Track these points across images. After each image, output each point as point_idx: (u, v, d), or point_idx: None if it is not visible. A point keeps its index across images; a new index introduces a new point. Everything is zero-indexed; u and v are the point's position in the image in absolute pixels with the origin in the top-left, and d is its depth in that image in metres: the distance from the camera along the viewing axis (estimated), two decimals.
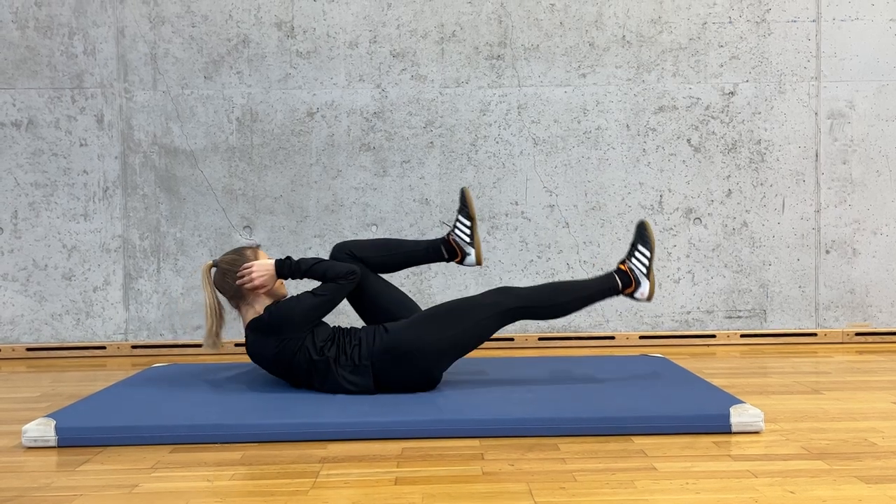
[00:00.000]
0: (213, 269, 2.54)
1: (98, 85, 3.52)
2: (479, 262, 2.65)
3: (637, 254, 2.55)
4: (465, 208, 2.65)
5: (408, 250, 2.67)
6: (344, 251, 2.60)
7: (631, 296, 2.54)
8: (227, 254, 2.57)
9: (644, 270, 2.52)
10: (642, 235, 2.56)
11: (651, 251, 2.53)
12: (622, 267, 2.55)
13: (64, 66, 3.51)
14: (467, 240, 2.65)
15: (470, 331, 2.44)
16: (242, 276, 2.46)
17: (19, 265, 3.53)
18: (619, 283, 2.52)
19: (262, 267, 2.47)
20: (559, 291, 2.52)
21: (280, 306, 2.43)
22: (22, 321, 3.54)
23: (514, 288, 2.52)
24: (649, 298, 2.53)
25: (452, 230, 2.68)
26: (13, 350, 3.52)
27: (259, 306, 2.49)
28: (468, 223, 2.64)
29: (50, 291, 3.54)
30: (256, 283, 2.45)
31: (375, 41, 3.53)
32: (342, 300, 2.49)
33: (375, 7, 3.52)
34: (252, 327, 2.44)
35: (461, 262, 2.67)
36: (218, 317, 2.53)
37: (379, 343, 2.42)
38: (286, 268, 2.47)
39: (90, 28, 3.50)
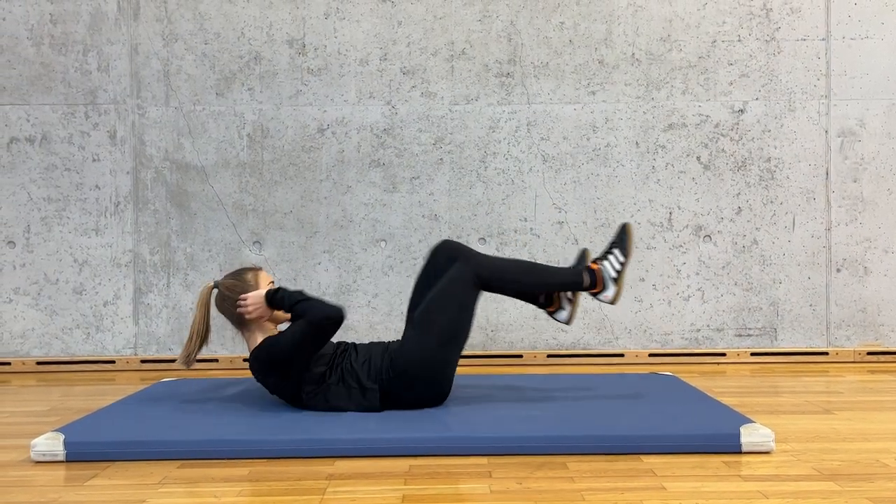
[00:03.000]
0: (215, 291, 2.52)
1: (111, 101, 3.55)
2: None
3: (611, 256, 2.48)
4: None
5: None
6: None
7: (595, 296, 2.49)
8: (228, 277, 2.53)
9: (614, 275, 2.46)
10: (622, 240, 2.50)
11: (626, 257, 2.47)
12: (593, 266, 2.49)
13: (78, 83, 3.55)
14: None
15: (457, 317, 2.41)
16: (240, 306, 2.45)
17: (31, 279, 3.55)
18: (587, 280, 2.46)
19: (255, 299, 2.43)
20: (523, 271, 2.47)
21: (271, 343, 2.38)
22: (32, 335, 3.56)
23: (480, 255, 2.47)
24: (613, 302, 2.49)
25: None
26: (23, 364, 3.54)
27: (260, 333, 2.48)
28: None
29: (61, 305, 3.56)
30: (252, 315, 2.44)
31: (386, 58, 3.55)
32: (328, 339, 2.39)
33: (386, 25, 3.55)
34: (253, 357, 2.42)
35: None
36: (201, 342, 2.48)
37: (388, 362, 2.41)
38: (275, 300, 2.41)
39: (104, 45, 3.54)
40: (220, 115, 3.55)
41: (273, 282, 2.55)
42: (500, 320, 3.56)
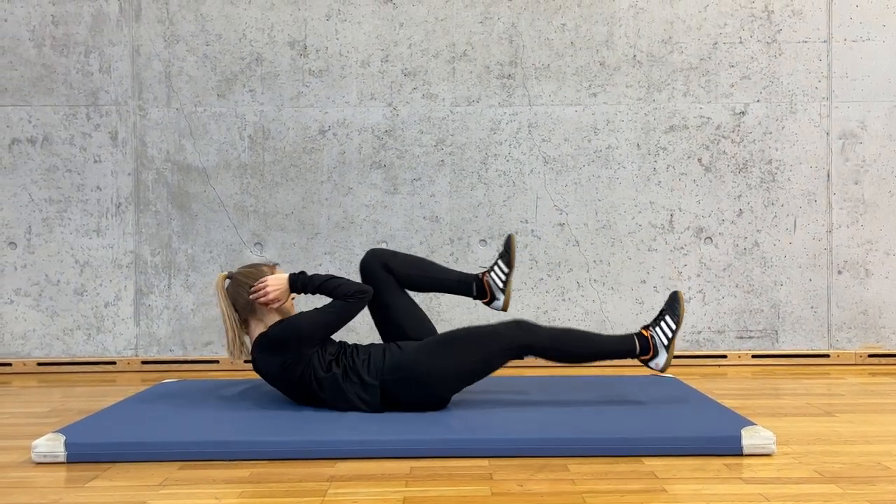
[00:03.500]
0: (227, 281, 2.55)
1: (113, 102, 3.56)
2: (504, 309, 2.66)
3: (663, 323, 2.50)
4: (507, 255, 2.64)
5: (439, 276, 2.67)
6: (377, 258, 2.60)
7: (646, 363, 2.52)
8: (244, 267, 2.59)
9: (665, 342, 2.48)
10: (673, 307, 2.51)
11: (678, 325, 2.48)
12: (645, 332, 2.51)
13: (79, 84, 3.55)
14: (500, 285, 2.64)
15: (482, 361, 2.44)
16: (257, 291, 2.48)
17: (32, 280, 3.55)
18: (638, 347, 2.49)
19: (276, 281, 2.48)
20: (576, 340, 2.50)
21: (287, 322, 2.44)
22: (34, 336, 3.56)
23: (533, 325, 2.49)
24: (663, 370, 2.51)
25: (489, 271, 2.66)
26: (24, 364, 3.54)
27: (268, 322, 2.50)
28: (506, 270, 2.63)
29: (62, 306, 3.56)
30: (270, 296, 2.46)
31: (387, 60, 3.55)
32: (352, 318, 2.48)
33: (387, 27, 3.55)
34: (259, 343, 2.45)
35: (488, 304, 2.68)
36: (237, 325, 2.52)
37: (389, 362, 2.42)
38: (299, 282, 2.48)
39: (106, 46, 3.55)
40: (221, 117, 3.56)
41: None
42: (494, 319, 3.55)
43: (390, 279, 2.60)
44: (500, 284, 2.64)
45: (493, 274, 2.65)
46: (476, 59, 3.56)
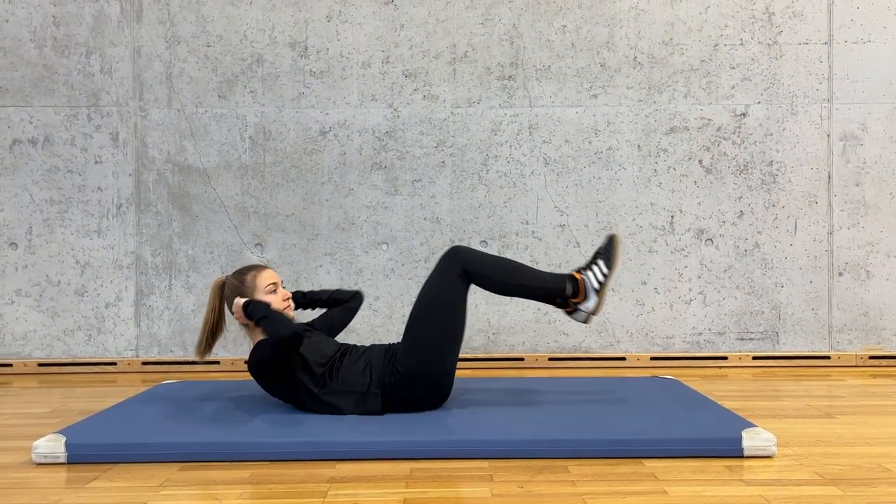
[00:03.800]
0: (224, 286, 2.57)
1: (114, 103, 3.56)
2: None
3: (595, 267, 2.46)
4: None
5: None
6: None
7: (575, 305, 2.45)
8: (235, 274, 2.56)
9: (597, 286, 2.44)
10: (608, 251, 2.48)
11: (611, 270, 2.44)
12: (577, 275, 2.46)
13: (81, 85, 3.55)
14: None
15: (449, 313, 2.41)
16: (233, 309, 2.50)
17: (33, 281, 3.56)
18: (570, 288, 2.44)
19: (236, 308, 2.47)
20: (510, 271, 2.45)
21: (256, 349, 2.38)
22: (34, 336, 3.56)
23: (464, 250, 2.45)
24: (594, 314, 2.45)
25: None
26: (25, 365, 3.54)
27: (260, 333, 2.49)
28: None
29: (62, 307, 3.56)
30: (239, 322, 2.49)
31: (388, 61, 3.56)
32: (290, 356, 2.36)
33: (388, 28, 3.55)
34: (249, 359, 2.43)
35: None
36: (211, 331, 2.54)
37: (390, 370, 2.41)
38: (247, 314, 2.43)
39: (107, 47, 3.55)
40: (222, 118, 3.56)
41: (276, 283, 2.54)
42: (501, 323, 3.56)
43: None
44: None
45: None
46: (477, 60, 3.56)
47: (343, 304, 2.80)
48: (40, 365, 3.55)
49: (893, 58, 3.53)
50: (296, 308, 2.65)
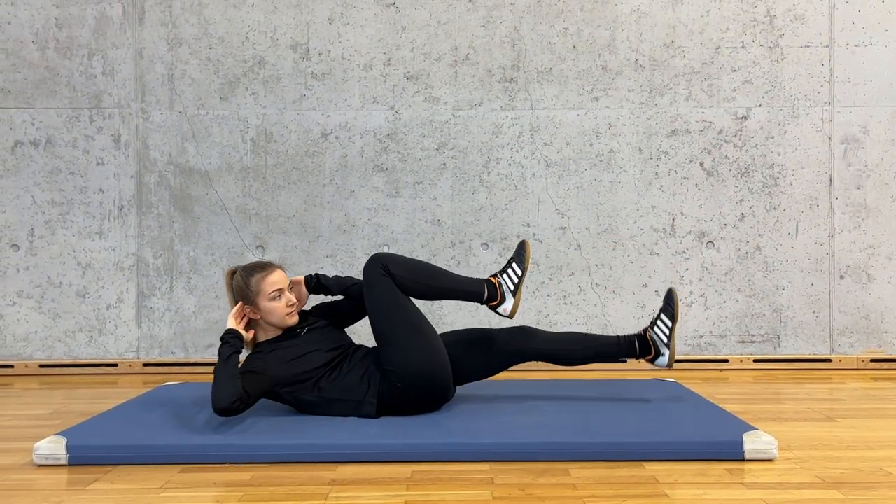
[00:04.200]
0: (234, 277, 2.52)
1: (116, 105, 3.56)
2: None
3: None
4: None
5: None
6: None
7: (494, 309, 2.53)
8: (242, 272, 2.48)
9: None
10: (520, 255, 2.54)
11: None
12: (493, 279, 2.53)
13: (83, 87, 3.56)
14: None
15: (399, 313, 2.43)
16: None
17: (34, 282, 3.56)
18: (487, 293, 2.51)
19: (230, 316, 2.46)
20: (428, 274, 2.49)
21: (247, 362, 2.39)
22: (36, 338, 3.57)
23: (383, 254, 2.47)
24: (510, 315, 2.52)
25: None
26: (26, 366, 3.54)
27: (262, 332, 2.49)
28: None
29: (64, 308, 3.56)
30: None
31: (390, 63, 3.56)
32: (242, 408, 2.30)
33: (390, 30, 3.55)
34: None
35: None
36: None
37: (388, 384, 2.40)
38: (223, 339, 2.40)
39: (109, 49, 3.55)
40: (223, 120, 3.56)
41: (281, 289, 2.46)
42: (501, 327, 3.55)
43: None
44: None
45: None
46: (478, 62, 3.56)
47: (358, 300, 2.60)
48: (41, 366, 3.55)
49: (895, 61, 3.53)
50: (309, 294, 2.60)
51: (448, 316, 3.55)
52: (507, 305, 2.51)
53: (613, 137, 3.56)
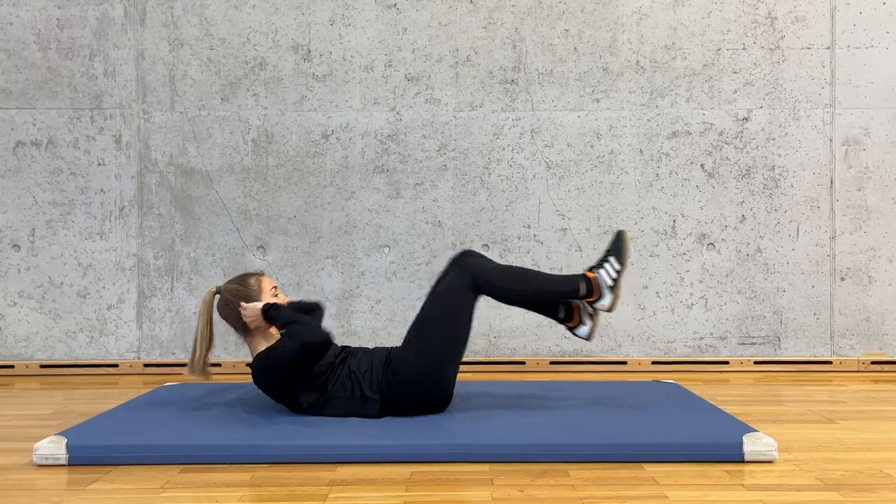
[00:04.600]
0: (217, 297, 2.52)
1: (117, 106, 3.57)
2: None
3: (607, 264, 2.46)
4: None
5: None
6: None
7: (591, 304, 2.47)
8: (231, 282, 2.53)
9: (610, 283, 2.44)
10: (617, 247, 2.47)
11: (622, 265, 2.44)
12: (589, 274, 2.46)
13: (84, 87, 3.56)
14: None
15: (454, 325, 2.41)
16: (242, 313, 2.46)
17: (35, 282, 3.56)
18: (584, 288, 2.44)
19: (252, 311, 2.43)
20: (520, 278, 2.45)
21: (267, 355, 2.38)
22: (36, 338, 3.57)
23: (473, 261, 2.45)
24: (609, 310, 2.46)
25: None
26: (27, 367, 3.55)
27: (263, 340, 2.49)
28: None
29: (65, 309, 3.57)
30: (252, 325, 2.46)
31: (391, 65, 3.56)
32: (315, 362, 2.37)
33: (391, 31, 3.56)
34: (256, 363, 2.42)
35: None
36: (207, 346, 2.49)
37: (389, 375, 2.40)
38: (268, 316, 2.42)
39: (111, 50, 3.56)
40: (224, 121, 3.57)
41: (276, 286, 2.55)
42: (502, 327, 3.56)
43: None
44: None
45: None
46: (479, 64, 3.56)
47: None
48: (42, 366, 3.55)
49: None
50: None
51: None
52: (606, 301, 2.43)
53: (614, 139, 3.56)
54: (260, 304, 2.44)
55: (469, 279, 2.43)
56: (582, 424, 2.34)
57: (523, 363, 3.55)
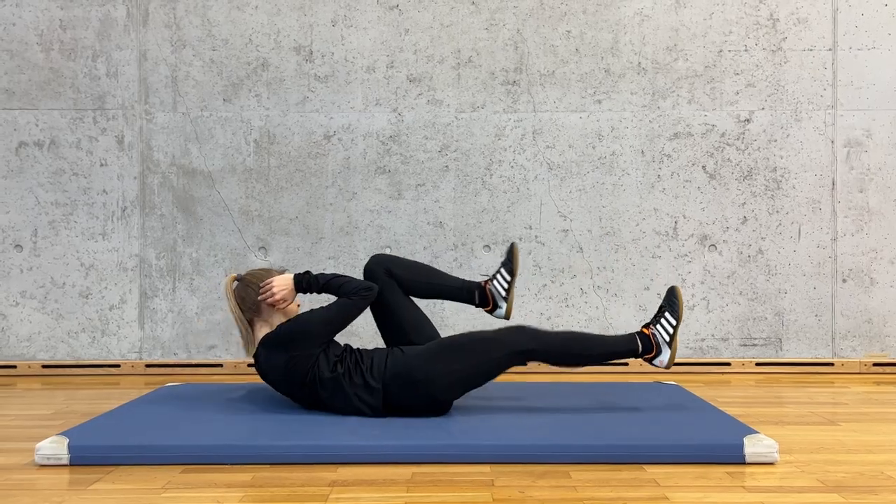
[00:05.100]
0: (236, 283, 2.58)
1: (119, 106, 3.57)
2: (507, 317, 2.67)
3: (663, 320, 2.51)
4: (509, 263, 2.66)
5: (442, 283, 2.68)
6: (381, 264, 2.63)
7: (650, 361, 2.52)
8: (249, 273, 2.61)
9: (667, 338, 2.49)
10: (672, 302, 2.52)
11: (678, 320, 2.49)
12: (645, 331, 2.51)
13: (87, 88, 3.57)
14: (503, 293, 2.65)
15: (482, 366, 2.43)
16: (265, 291, 2.51)
17: (38, 283, 3.57)
18: (640, 346, 2.49)
19: (282, 281, 2.52)
20: (577, 342, 2.50)
21: (294, 320, 2.47)
22: (39, 338, 3.58)
23: (535, 330, 2.50)
24: (668, 367, 2.50)
25: (491, 279, 2.67)
26: (29, 367, 3.55)
27: (273, 323, 2.53)
28: (509, 278, 2.65)
29: (67, 309, 3.57)
30: (277, 296, 2.50)
31: (392, 66, 3.57)
32: (357, 316, 2.51)
33: (393, 32, 3.56)
34: (265, 342, 2.46)
35: (490, 312, 2.69)
36: (247, 322, 2.55)
37: (391, 366, 2.42)
38: (304, 281, 2.52)
39: (113, 51, 3.57)
40: (227, 121, 3.57)
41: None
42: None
43: (393, 284, 2.62)
44: (503, 293, 2.65)
45: (495, 282, 2.66)
46: (481, 65, 3.57)
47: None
48: (44, 367, 3.56)
49: None
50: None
51: (450, 318, 3.55)
52: (664, 357, 2.49)
53: (616, 140, 3.56)
54: (290, 275, 2.53)
55: (528, 349, 2.45)
56: (583, 425, 2.34)
57: (524, 364, 3.54)
